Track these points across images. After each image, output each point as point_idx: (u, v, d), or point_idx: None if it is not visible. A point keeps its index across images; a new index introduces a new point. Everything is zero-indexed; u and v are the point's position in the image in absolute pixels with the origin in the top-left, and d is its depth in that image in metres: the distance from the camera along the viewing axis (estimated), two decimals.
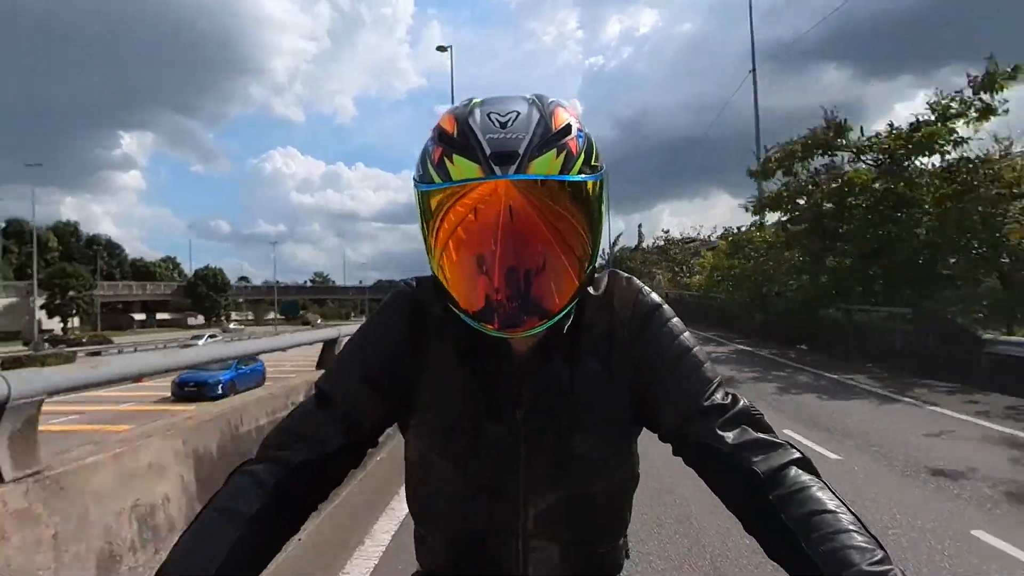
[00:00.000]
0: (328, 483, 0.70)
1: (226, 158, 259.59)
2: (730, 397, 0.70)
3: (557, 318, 0.67)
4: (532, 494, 0.73)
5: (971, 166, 10.35)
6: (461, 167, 0.62)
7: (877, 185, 11.59)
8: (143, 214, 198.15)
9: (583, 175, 0.64)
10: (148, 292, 61.68)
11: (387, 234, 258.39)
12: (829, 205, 12.32)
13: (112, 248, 63.76)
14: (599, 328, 0.74)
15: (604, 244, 0.92)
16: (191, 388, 14.09)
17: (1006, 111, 10.12)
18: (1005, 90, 9.99)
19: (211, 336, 33.29)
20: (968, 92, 10.36)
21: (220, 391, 13.57)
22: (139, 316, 59.34)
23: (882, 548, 0.55)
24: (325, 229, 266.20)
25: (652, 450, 0.87)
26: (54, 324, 47.37)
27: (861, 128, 12.17)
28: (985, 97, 10.17)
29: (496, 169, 0.60)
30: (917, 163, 11.32)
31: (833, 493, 0.61)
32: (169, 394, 14.35)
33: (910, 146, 11.01)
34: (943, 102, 10.68)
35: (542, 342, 0.72)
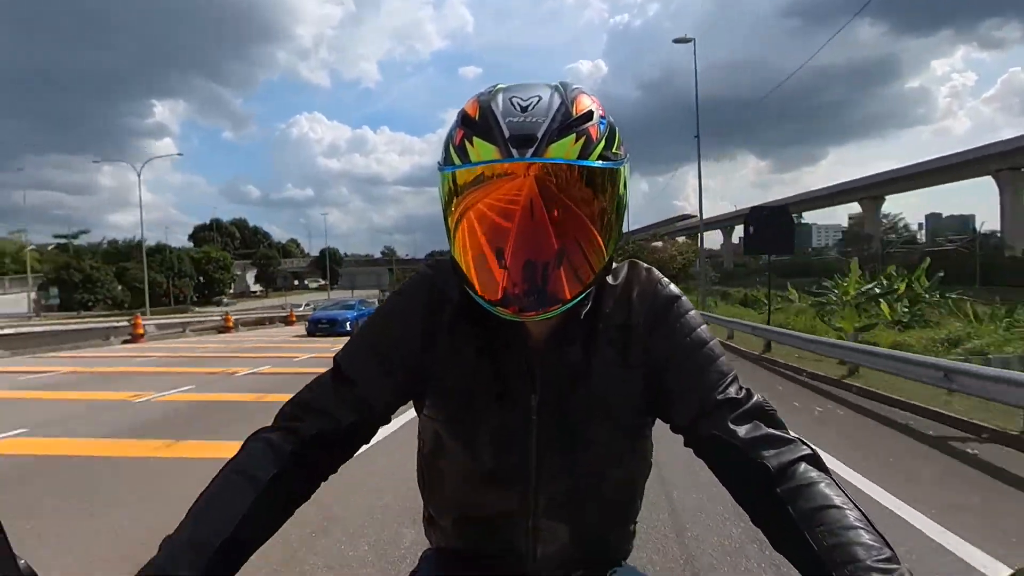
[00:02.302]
0: (339, 456, 0.72)
1: (254, 124, 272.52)
2: (744, 392, 0.70)
3: (571, 303, 0.67)
4: (543, 479, 0.74)
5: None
6: (480, 149, 0.63)
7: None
8: (177, 181, 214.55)
9: (603, 161, 0.64)
10: (295, 265, 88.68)
11: (412, 198, 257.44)
12: None
13: (266, 234, 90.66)
14: (616, 318, 0.74)
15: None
16: (324, 325, 15.99)
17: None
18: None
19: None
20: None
21: (348, 328, 15.93)
22: (298, 282, 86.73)
23: (889, 547, 0.54)
24: (352, 193, 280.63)
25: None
26: (258, 288, 74.87)
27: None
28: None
29: (514, 152, 0.61)
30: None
31: (841, 490, 0.61)
32: (304, 332, 16.90)
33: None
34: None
35: (559, 330, 0.72)
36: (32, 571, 0.49)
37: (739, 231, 67.28)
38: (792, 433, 0.67)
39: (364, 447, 0.75)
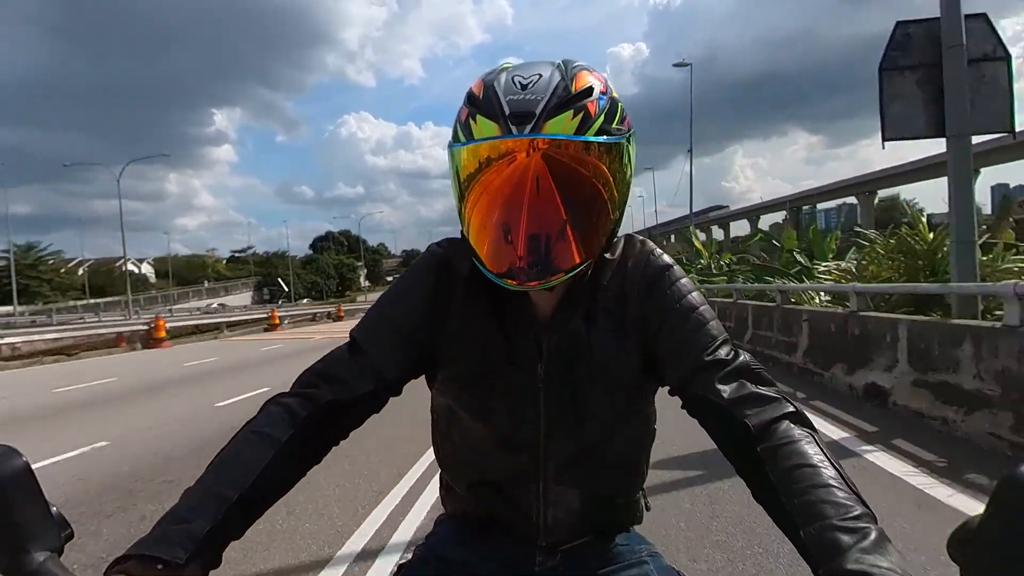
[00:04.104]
0: (350, 424, 0.75)
1: (306, 126, 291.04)
2: (732, 353, 0.72)
3: (569, 276, 0.69)
4: (551, 446, 0.77)
5: None
6: (483, 126, 0.66)
7: None
8: (236, 184, 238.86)
9: (601, 136, 0.67)
10: (388, 266, 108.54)
11: None
12: None
13: (364, 240, 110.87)
14: (613, 288, 0.78)
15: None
16: None
17: None
18: None
19: None
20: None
21: None
22: (389, 278, 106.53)
23: (863, 505, 0.55)
24: (399, 188, 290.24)
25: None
26: (367, 284, 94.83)
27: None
28: None
29: (513, 128, 0.65)
30: None
31: (820, 448, 0.62)
32: None
33: None
34: None
35: (562, 302, 0.76)
36: (63, 517, 0.50)
37: (765, 220, 78.59)
38: (778, 392, 0.69)
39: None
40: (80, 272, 58.61)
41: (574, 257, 0.69)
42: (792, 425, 0.65)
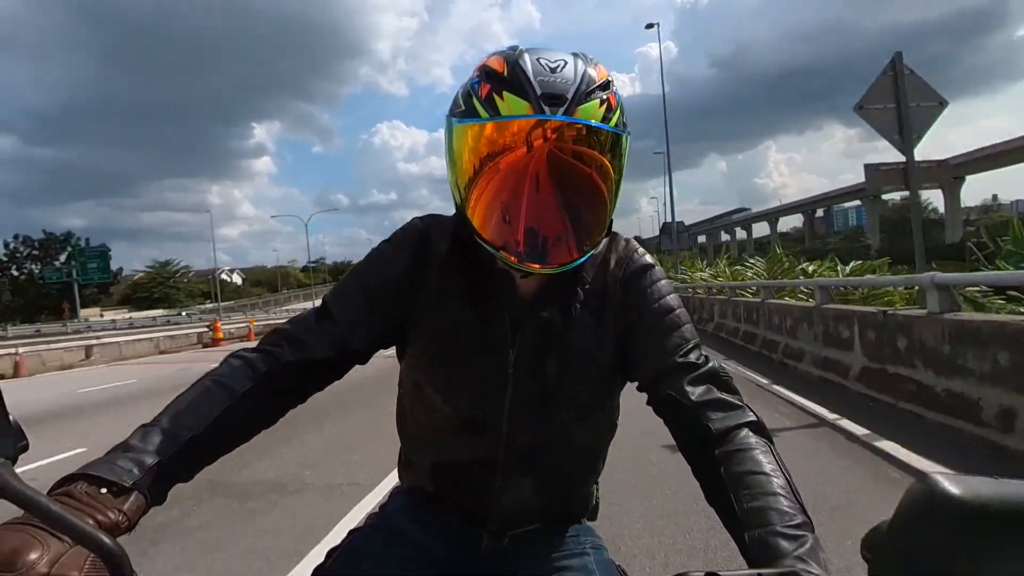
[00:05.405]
0: (309, 388, 0.75)
1: (341, 136, 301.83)
2: (703, 358, 0.75)
3: (579, 261, 0.71)
4: (514, 431, 0.78)
5: None
6: (511, 104, 0.66)
7: None
8: (275, 194, 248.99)
9: (620, 128, 0.69)
10: None
11: None
12: None
13: None
14: (595, 283, 0.80)
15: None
16: None
17: None
18: None
19: None
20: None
21: None
22: None
23: (804, 514, 0.59)
24: (432, 194, 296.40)
25: None
26: None
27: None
28: None
29: (546, 109, 0.65)
30: None
31: (774, 458, 0.65)
32: None
33: None
34: None
35: (542, 290, 0.78)
36: (20, 428, 0.47)
37: (784, 223, 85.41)
38: (741, 400, 0.73)
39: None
40: (186, 281, 72.50)
41: (579, 247, 0.72)
42: (751, 433, 0.69)
